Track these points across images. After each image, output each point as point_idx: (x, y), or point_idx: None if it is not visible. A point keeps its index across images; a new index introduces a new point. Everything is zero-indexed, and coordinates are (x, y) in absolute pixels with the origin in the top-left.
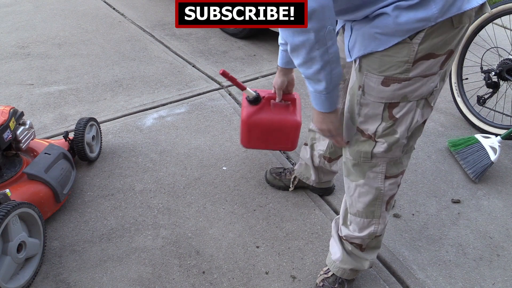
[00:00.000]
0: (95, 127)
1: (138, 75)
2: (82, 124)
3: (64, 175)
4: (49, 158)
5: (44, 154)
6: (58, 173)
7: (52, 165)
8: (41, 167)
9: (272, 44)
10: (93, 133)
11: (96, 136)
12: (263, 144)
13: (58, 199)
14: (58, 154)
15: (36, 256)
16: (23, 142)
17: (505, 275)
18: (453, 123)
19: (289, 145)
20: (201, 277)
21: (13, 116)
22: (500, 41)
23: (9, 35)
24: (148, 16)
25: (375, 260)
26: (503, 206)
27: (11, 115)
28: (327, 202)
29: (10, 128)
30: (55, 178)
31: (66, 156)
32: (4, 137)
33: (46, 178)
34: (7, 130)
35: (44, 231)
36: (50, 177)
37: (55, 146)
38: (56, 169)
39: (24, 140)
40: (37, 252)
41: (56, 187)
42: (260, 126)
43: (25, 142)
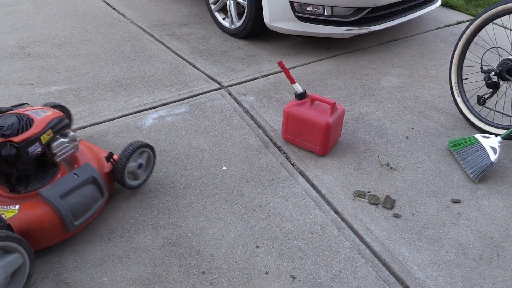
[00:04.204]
0: (147, 154)
1: (138, 75)
2: (129, 150)
3: (84, 203)
4: (74, 181)
5: (72, 175)
6: (76, 200)
7: (74, 190)
8: (58, 190)
9: (272, 44)
10: (143, 161)
11: (147, 164)
12: (297, 139)
13: (67, 229)
14: (86, 178)
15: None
16: (58, 156)
17: (505, 275)
18: (453, 123)
19: (318, 146)
20: (201, 277)
21: (52, 127)
22: (500, 41)
23: (9, 35)
24: (148, 16)
25: (375, 260)
26: (503, 206)
27: (48, 127)
28: (327, 202)
29: (41, 141)
30: (70, 206)
31: (96, 181)
32: (30, 150)
33: (58, 205)
34: (35, 144)
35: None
36: (64, 204)
37: (90, 168)
38: (77, 195)
39: (60, 154)
40: None
41: (67, 217)
42: (294, 117)
43: (61, 156)
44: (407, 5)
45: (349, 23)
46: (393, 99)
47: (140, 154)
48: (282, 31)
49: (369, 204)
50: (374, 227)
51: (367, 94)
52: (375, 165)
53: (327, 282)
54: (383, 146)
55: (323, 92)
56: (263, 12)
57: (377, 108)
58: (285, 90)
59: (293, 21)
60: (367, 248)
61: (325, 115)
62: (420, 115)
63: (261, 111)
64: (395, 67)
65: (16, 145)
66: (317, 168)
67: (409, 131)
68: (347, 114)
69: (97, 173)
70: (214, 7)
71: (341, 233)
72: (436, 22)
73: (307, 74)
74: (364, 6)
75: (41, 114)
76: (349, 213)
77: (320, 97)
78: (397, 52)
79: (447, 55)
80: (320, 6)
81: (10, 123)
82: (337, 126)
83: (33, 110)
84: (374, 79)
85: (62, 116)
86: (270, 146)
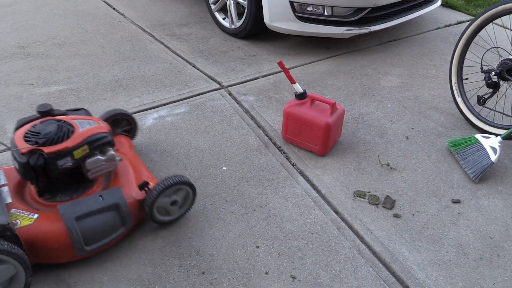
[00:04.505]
0: (185, 192)
1: (138, 75)
2: (164, 184)
3: (100, 229)
4: (96, 204)
5: (97, 196)
6: (93, 225)
7: (93, 214)
8: (77, 210)
9: (272, 44)
10: (178, 198)
11: (183, 202)
12: (297, 139)
13: (77, 252)
14: (110, 204)
15: None
16: (92, 173)
17: (505, 275)
18: (453, 123)
19: (318, 146)
20: (201, 277)
21: (90, 143)
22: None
23: (9, 35)
24: (148, 16)
25: (375, 260)
26: (503, 206)
27: (84, 142)
28: (327, 202)
29: (73, 156)
30: (84, 230)
31: (120, 209)
32: (58, 163)
33: (71, 226)
34: (65, 158)
35: (27, 280)
36: (77, 226)
37: (118, 193)
38: (95, 219)
39: (93, 171)
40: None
41: (76, 240)
42: (294, 117)
43: (94, 173)
44: (407, 5)
45: (349, 23)
46: (393, 99)
47: (177, 191)
48: (282, 31)
49: (369, 204)
50: (374, 227)
51: (367, 94)
52: (375, 165)
53: (327, 282)
54: (383, 146)
55: (323, 92)
56: (263, 12)
57: (377, 108)
58: (285, 90)
59: (293, 21)
60: (367, 248)
61: (325, 115)
62: (420, 115)
63: (261, 111)
64: (395, 67)
65: (45, 156)
66: (317, 168)
67: (409, 131)
68: (347, 114)
69: (124, 200)
70: (214, 7)
71: (341, 233)
72: (436, 22)
73: (307, 74)
74: (364, 6)
75: (85, 126)
76: (349, 213)
77: (320, 97)
78: (397, 52)
79: (447, 55)
80: (320, 6)
81: (48, 131)
82: (337, 126)
83: (82, 120)
84: (374, 79)
85: (105, 132)
86: (270, 146)
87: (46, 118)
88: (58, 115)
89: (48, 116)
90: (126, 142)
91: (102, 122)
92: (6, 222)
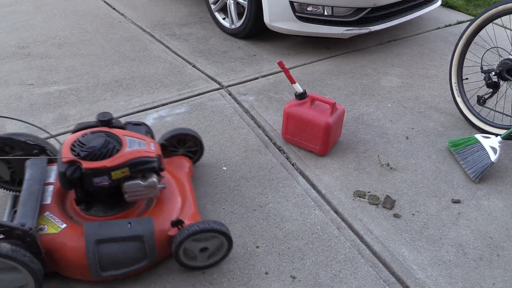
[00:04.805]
0: (219, 241)
1: (138, 75)
2: (195, 228)
3: (120, 258)
4: (122, 231)
5: (125, 222)
6: (112, 252)
7: (115, 241)
8: (100, 232)
9: (272, 44)
10: (209, 246)
11: (215, 251)
12: (297, 139)
13: (91, 274)
14: (136, 235)
15: None
16: (128, 196)
17: (505, 275)
18: (453, 123)
19: (318, 146)
20: (201, 277)
21: (131, 166)
22: (500, 41)
23: (9, 35)
24: (148, 16)
25: (375, 260)
26: (503, 206)
27: (125, 165)
28: (327, 202)
29: (111, 176)
30: (103, 255)
31: (145, 242)
32: (94, 180)
33: (89, 249)
34: (102, 176)
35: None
36: (97, 250)
37: (148, 225)
38: (116, 247)
39: (130, 195)
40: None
41: (92, 264)
42: (294, 117)
43: (131, 197)
44: (407, 5)
45: (349, 23)
46: (393, 99)
47: (211, 238)
48: (282, 31)
49: (369, 204)
50: (374, 227)
51: (367, 94)
52: (375, 165)
53: (327, 282)
54: (383, 146)
55: (323, 92)
56: (263, 12)
57: (377, 108)
58: (285, 90)
59: (293, 21)
60: (367, 248)
61: (325, 115)
62: (420, 115)
63: (261, 111)
64: (395, 67)
65: (82, 170)
66: (317, 168)
67: (409, 131)
68: (347, 114)
69: (151, 234)
70: (214, 7)
71: (341, 233)
72: (436, 22)
73: (307, 74)
74: (364, 6)
75: (133, 146)
76: (349, 213)
77: (320, 97)
78: (397, 52)
79: (447, 55)
80: (320, 6)
81: (93, 145)
82: (337, 126)
83: (134, 138)
84: (374, 79)
85: (152, 157)
86: (270, 146)
87: (100, 128)
88: (117, 127)
89: (107, 125)
90: (185, 165)
91: (154, 145)
92: (29, 227)
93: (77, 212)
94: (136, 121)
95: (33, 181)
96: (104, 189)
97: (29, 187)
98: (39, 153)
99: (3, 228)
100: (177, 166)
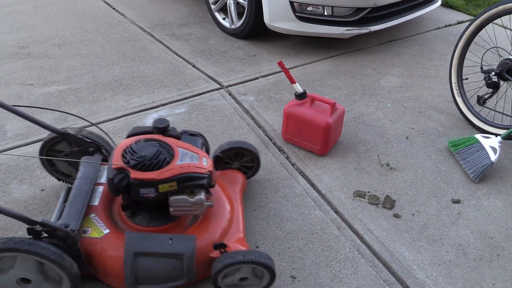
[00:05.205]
0: (260, 271)
1: (138, 75)
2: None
3: (156, 274)
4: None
5: (167, 238)
6: (150, 267)
7: (154, 256)
8: (141, 245)
9: (272, 44)
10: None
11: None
12: (297, 139)
13: (127, 285)
14: (176, 253)
15: None
16: (173, 210)
17: (505, 275)
18: (453, 123)
19: (318, 146)
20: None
21: (180, 180)
22: (500, 41)
23: (9, 35)
24: (148, 16)
25: (375, 260)
26: (503, 206)
27: (173, 179)
28: (327, 202)
29: (158, 189)
30: (139, 268)
31: (184, 260)
32: (141, 191)
33: (127, 260)
34: (149, 188)
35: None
36: (135, 263)
37: (190, 244)
38: (153, 262)
39: (176, 209)
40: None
41: (129, 276)
42: (294, 117)
43: (176, 211)
44: (407, 5)
45: (349, 23)
46: (393, 99)
47: (252, 269)
48: (282, 31)
49: (369, 204)
50: (374, 227)
51: (367, 94)
52: (375, 165)
53: (327, 282)
54: (383, 146)
55: (323, 92)
56: (263, 12)
57: (377, 108)
58: (285, 90)
59: (293, 21)
60: (367, 248)
61: (325, 115)
62: (420, 115)
63: (261, 111)
64: (395, 67)
65: (129, 179)
66: (317, 168)
67: (409, 131)
68: (347, 114)
69: (192, 254)
70: (214, 7)
71: (341, 233)
72: (436, 22)
73: (307, 74)
74: (364, 6)
75: (184, 160)
76: (349, 213)
77: (320, 97)
78: (397, 52)
79: (447, 55)
80: (320, 6)
81: (144, 154)
82: (337, 126)
83: (187, 151)
84: (374, 79)
85: (203, 173)
86: (270, 146)
87: (154, 136)
88: (172, 136)
89: (162, 133)
90: (239, 180)
91: (206, 160)
92: (72, 229)
93: (122, 217)
94: (193, 131)
95: (84, 179)
96: (150, 199)
97: (79, 186)
98: (94, 151)
99: (46, 227)
100: (230, 180)
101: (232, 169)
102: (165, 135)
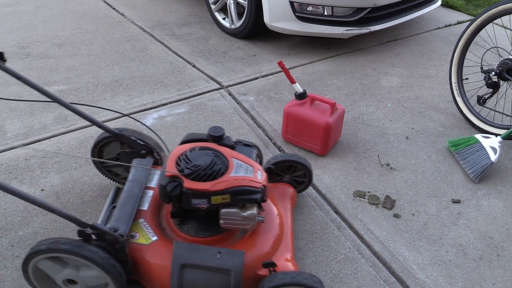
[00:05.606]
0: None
1: (138, 75)
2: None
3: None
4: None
5: (216, 251)
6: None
7: (201, 268)
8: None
9: (272, 44)
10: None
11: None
12: (297, 139)
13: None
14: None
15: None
16: (225, 222)
17: (505, 275)
18: (453, 123)
19: (318, 146)
20: None
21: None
22: (500, 41)
23: (9, 35)
24: (148, 16)
25: (375, 260)
26: (503, 206)
27: (227, 192)
28: (327, 202)
29: (210, 201)
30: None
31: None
32: (193, 201)
33: (174, 271)
34: (201, 199)
35: None
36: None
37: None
38: (200, 275)
39: (226, 222)
40: None
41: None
42: (294, 117)
43: (226, 224)
44: (407, 5)
45: (349, 23)
46: (393, 99)
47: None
48: (282, 31)
49: (369, 204)
50: (374, 227)
51: (367, 94)
52: (375, 165)
53: (327, 282)
54: (383, 146)
55: (323, 92)
56: (263, 12)
57: (377, 108)
58: (285, 90)
59: (293, 21)
60: (367, 248)
61: (325, 115)
62: (420, 115)
63: (261, 111)
64: (395, 67)
65: (182, 188)
66: (317, 168)
67: (409, 131)
68: (347, 114)
69: (239, 270)
70: (214, 7)
71: (341, 233)
72: (436, 22)
73: (307, 74)
74: (364, 6)
75: (239, 172)
76: (349, 213)
77: (320, 97)
78: (397, 52)
79: (447, 55)
80: (320, 6)
81: (198, 163)
82: (337, 126)
83: (241, 163)
84: (374, 79)
85: (257, 187)
86: (270, 146)
87: (210, 145)
88: (227, 145)
89: (217, 142)
90: (289, 194)
91: (261, 173)
92: (120, 234)
93: (170, 225)
94: (248, 141)
95: (135, 183)
96: (202, 210)
97: (130, 189)
98: (146, 154)
99: (96, 231)
100: (281, 194)
101: (283, 182)
102: (219, 144)
